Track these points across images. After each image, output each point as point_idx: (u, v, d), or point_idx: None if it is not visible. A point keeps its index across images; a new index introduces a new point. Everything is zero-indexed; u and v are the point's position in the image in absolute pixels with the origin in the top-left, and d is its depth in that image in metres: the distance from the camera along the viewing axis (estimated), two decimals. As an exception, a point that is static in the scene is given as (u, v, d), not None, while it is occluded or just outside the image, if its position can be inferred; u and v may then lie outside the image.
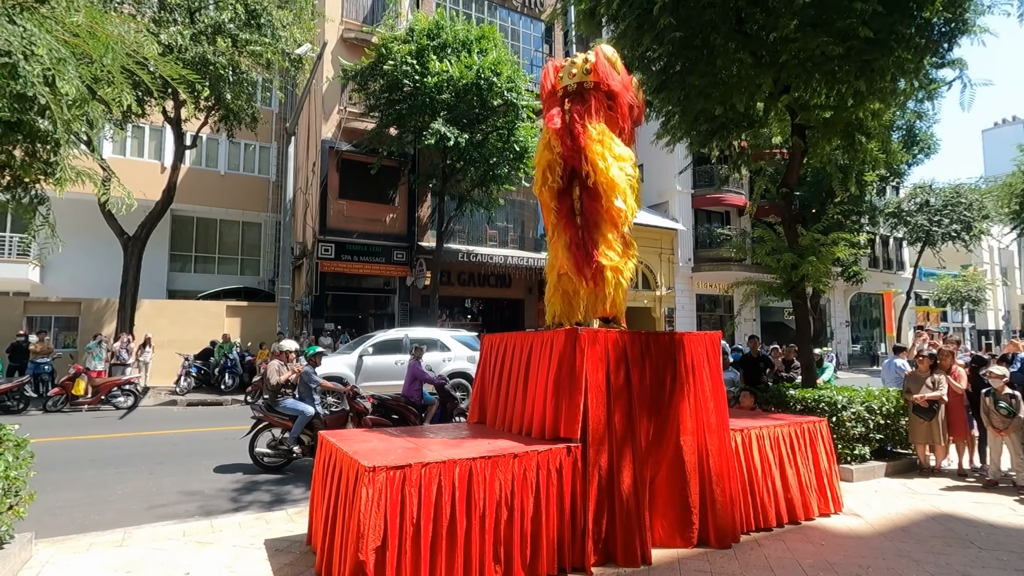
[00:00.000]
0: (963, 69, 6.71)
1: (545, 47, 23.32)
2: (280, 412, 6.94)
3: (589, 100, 4.63)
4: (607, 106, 4.65)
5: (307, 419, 6.88)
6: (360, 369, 11.87)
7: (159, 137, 20.76)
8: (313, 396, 7.15)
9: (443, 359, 12.51)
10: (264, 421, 6.97)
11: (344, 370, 11.65)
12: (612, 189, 4.43)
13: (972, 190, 25.96)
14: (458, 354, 12.82)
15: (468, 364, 12.79)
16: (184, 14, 13.61)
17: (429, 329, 13.82)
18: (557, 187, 4.70)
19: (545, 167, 4.70)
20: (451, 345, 12.83)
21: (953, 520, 5.04)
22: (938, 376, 6.69)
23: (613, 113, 4.67)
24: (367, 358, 12.04)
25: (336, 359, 12.03)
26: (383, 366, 12.06)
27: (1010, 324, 41.41)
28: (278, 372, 7.04)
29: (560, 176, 4.66)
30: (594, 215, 4.56)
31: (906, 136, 22.07)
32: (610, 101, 4.67)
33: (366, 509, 3.16)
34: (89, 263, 18.92)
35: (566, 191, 4.72)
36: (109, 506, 5.55)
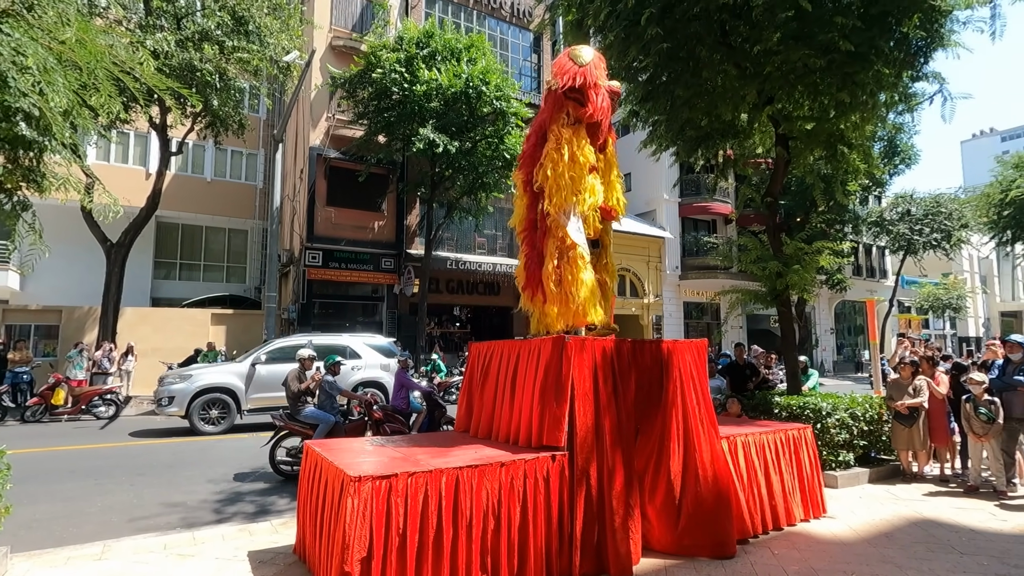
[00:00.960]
0: (942, 83, 6.88)
1: (534, 57, 23.50)
2: (301, 421, 6.97)
3: (549, 101, 4.65)
4: (575, 100, 4.57)
5: (329, 427, 6.89)
6: (252, 379, 10.88)
7: (144, 143, 20.56)
8: (334, 404, 7.17)
9: (352, 367, 11.59)
10: (284, 429, 6.98)
11: (231, 380, 10.74)
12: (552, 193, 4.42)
13: (952, 200, 26.52)
14: (370, 361, 11.99)
15: (382, 373, 11.99)
16: (171, 20, 13.55)
17: (337, 335, 12.95)
18: (526, 203, 4.78)
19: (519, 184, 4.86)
20: (362, 352, 12.04)
21: (935, 525, 5.11)
22: (919, 383, 6.80)
23: (583, 107, 4.57)
24: (261, 367, 11.00)
25: (222, 368, 11.27)
26: (279, 375, 10.65)
27: (990, 331, 42.16)
28: (298, 380, 7.04)
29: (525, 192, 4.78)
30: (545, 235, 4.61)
31: (887, 147, 22.51)
32: (576, 94, 4.57)
33: (351, 519, 3.13)
34: (71, 270, 18.62)
35: (532, 206, 4.78)
36: (88, 519, 5.44)
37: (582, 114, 4.57)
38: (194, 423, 10.23)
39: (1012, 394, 6.13)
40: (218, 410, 10.50)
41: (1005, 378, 6.24)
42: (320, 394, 7.12)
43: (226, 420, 10.46)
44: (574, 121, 4.58)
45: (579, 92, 4.52)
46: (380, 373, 12.01)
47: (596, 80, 4.58)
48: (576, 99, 4.55)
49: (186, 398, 10.30)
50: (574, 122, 4.58)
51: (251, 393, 10.83)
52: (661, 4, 6.07)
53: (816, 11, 6.00)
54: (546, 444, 3.97)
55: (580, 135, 4.57)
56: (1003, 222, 18.56)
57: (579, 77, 4.48)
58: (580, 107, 4.56)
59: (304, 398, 7.04)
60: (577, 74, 4.49)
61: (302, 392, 7.01)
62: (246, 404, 10.77)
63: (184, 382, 10.53)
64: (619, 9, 6.35)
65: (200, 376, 10.68)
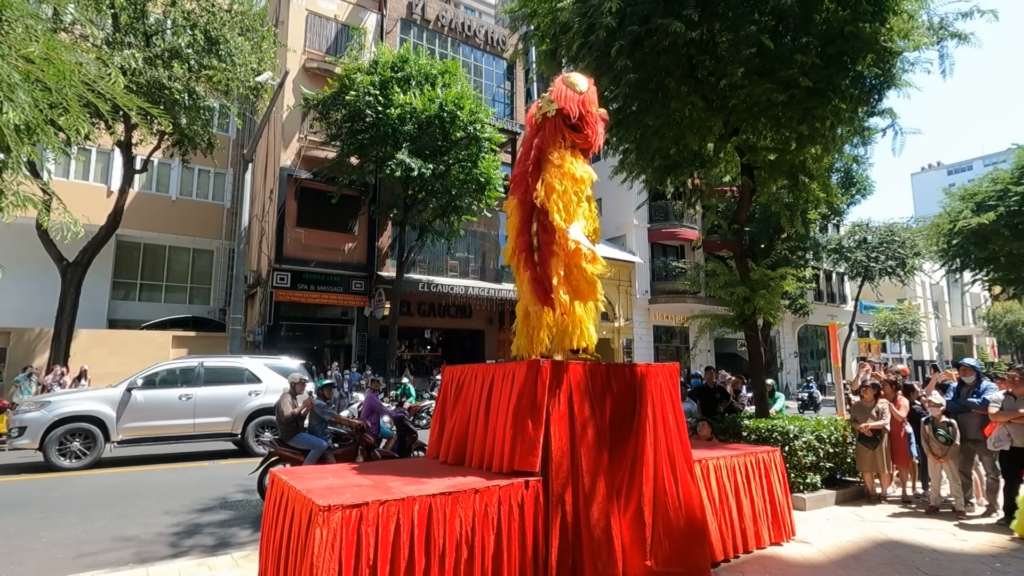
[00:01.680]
0: (894, 118, 7.27)
1: (507, 84, 23.95)
2: (292, 446, 6.79)
3: (546, 126, 4.75)
4: (571, 126, 4.73)
5: (320, 452, 6.72)
6: (126, 406, 9.67)
7: (106, 160, 20.01)
8: (325, 429, 7.01)
9: (249, 392, 10.59)
10: (275, 455, 6.80)
11: (98, 407, 9.48)
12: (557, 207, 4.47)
13: (904, 229, 27.82)
14: (271, 386, 10.72)
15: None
16: (140, 37, 13.34)
17: (233, 357, 11.71)
18: (518, 226, 4.81)
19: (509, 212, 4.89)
20: (262, 375, 10.89)
21: (900, 546, 5.21)
22: (881, 405, 7.01)
23: (580, 133, 4.74)
24: (138, 392, 9.81)
25: (89, 393, 10.08)
26: (161, 402, 9.93)
27: (943, 355, 43.96)
28: (292, 405, 6.87)
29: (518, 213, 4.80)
30: (547, 251, 4.63)
31: (844, 178, 23.55)
32: (576, 121, 4.74)
33: (320, 551, 3.01)
34: (21, 290, 17.79)
35: (525, 229, 4.81)
36: (31, 555, 5.10)
37: (577, 140, 4.70)
38: (49, 457, 8.96)
39: (967, 416, 6.37)
40: (81, 441, 9.24)
41: (960, 400, 6.48)
42: (311, 419, 6.98)
43: (91, 453, 9.24)
44: (570, 145, 4.69)
45: (577, 119, 4.67)
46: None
47: (591, 109, 4.75)
48: (573, 126, 4.67)
49: (40, 428, 9.01)
50: (570, 146, 4.69)
51: (124, 422, 9.58)
52: (631, 37, 6.28)
53: (777, 49, 6.31)
54: (523, 470, 3.92)
55: (578, 157, 4.70)
56: (952, 251, 19.49)
57: (578, 106, 4.65)
58: (575, 133, 4.68)
59: (296, 423, 6.89)
60: (578, 102, 4.66)
61: (294, 417, 6.85)
62: (117, 435, 9.53)
63: (40, 410, 9.24)
64: (591, 41, 6.54)
65: (60, 403, 9.44)
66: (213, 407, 10.25)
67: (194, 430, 10.11)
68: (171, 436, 9.94)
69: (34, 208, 5.23)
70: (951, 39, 6.75)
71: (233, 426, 10.40)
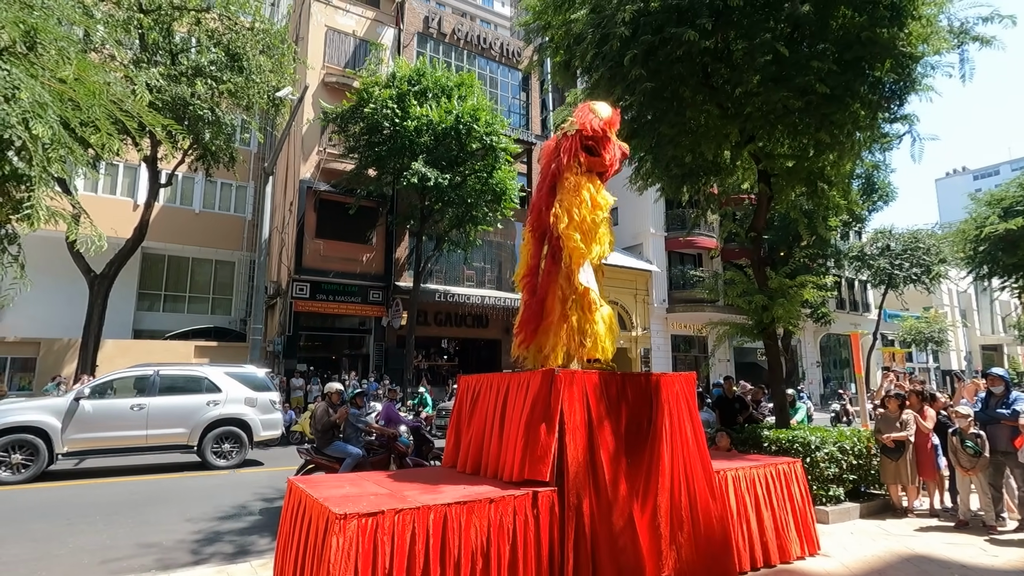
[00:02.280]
0: (913, 124, 7.17)
1: (522, 95, 24.12)
2: (328, 454, 6.94)
3: (563, 146, 4.79)
4: (587, 148, 4.77)
5: (355, 461, 6.85)
6: (73, 416, 9.09)
7: (133, 175, 20.57)
8: (360, 438, 7.15)
9: (208, 402, 10.13)
10: (311, 463, 6.97)
11: (41, 417, 8.90)
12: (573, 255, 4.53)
13: (929, 235, 27.21)
14: (232, 395, 10.39)
15: (246, 409, 10.44)
16: (165, 55, 13.76)
17: (192, 366, 11.25)
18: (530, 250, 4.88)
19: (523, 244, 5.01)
20: (222, 384, 10.43)
21: (927, 561, 5.06)
22: (906, 417, 6.84)
23: (597, 157, 4.78)
24: (86, 402, 9.25)
25: (32, 403, 9.43)
26: (111, 412, 9.37)
27: (972, 364, 42.70)
28: (327, 414, 7.01)
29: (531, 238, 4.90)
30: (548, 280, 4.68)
31: (865, 184, 23.17)
32: (592, 143, 4.77)
33: (336, 559, 3.03)
34: (51, 302, 18.30)
35: (536, 252, 4.89)
36: (58, 561, 5.21)
37: (594, 164, 4.75)
38: None
39: (996, 427, 6.18)
40: (23, 454, 8.69)
41: (988, 411, 6.30)
42: (347, 428, 7.11)
43: (32, 466, 8.68)
44: (586, 170, 4.74)
45: (595, 142, 4.72)
46: (244, 409, 10.41)
47: (610, 134, 4.82)
48: (591, 148, 4.73)
49: None
50: (586, 171, 4.73)
51: (71, 434, 9.04)
52: (645, 46, 6.30)
53: (793, 56, 6.27)
54: (539, 479, 3.91)
55: (594, 181, 4.75)
56: (979, 257, 19.04)
57: (599, 127, 4.72)
58: (592, 157, 4.74)
59: (332, 431, 7.03)
60: (598, 124, 4.73)
61: (330, 426, 6.99)
62: (62, 446, 9.02)
63: None
64: (604, 51, 6.58)
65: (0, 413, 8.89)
66: (167, 418, 9.77)
67: (146, 442, 9.59)
68: (121, 448, 9.48)
69: (63, 222, 5.41)
70: (972, 43, 6.65)
71: (189, 437, 9.90)
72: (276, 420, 10.97)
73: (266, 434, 10.70)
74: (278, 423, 11.05)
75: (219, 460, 10.04)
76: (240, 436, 10.28)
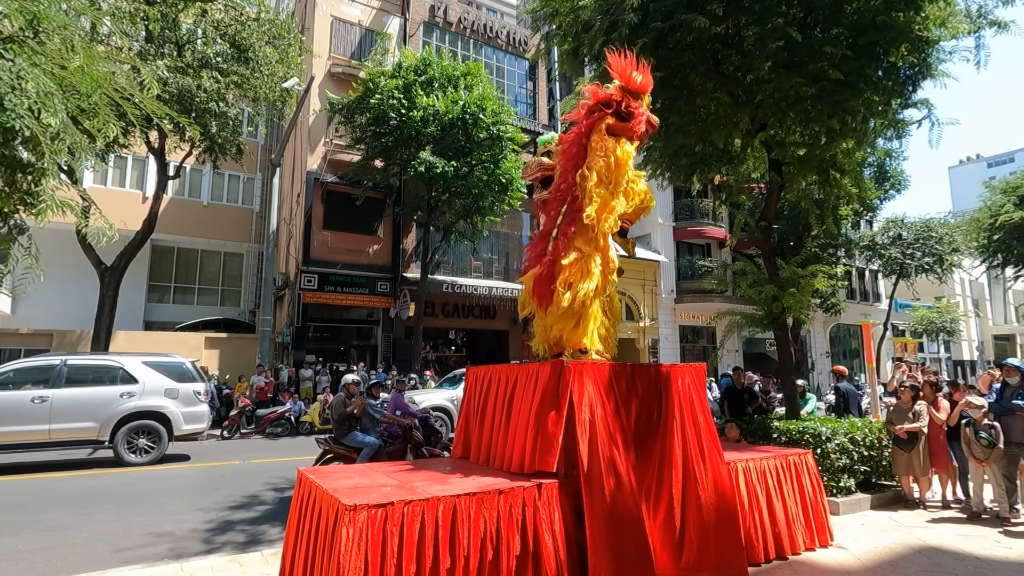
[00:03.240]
0: (931, 109, 7.03)
1: (529, 84, 23.93)
2: (346, 444, 7.00)
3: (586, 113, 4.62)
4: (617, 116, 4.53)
5: (373, 450, 6.91)
6: None
7: (142, 167, 20.66)
8: (377, 428, 7.20)
9: (122, 394, 9.42)
10: (329, 453, 7.04)
11: None
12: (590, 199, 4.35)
13: (942, 224, 26.82)
14: (151, 386, 9.66)
15: (165, 401, 9.70)
16: (171, 47, 13.73)
17: (107, 355, 10.29)
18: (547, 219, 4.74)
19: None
20: (139, 374, 9.69)
21: (939, 553, 5.02)
22: (919, 407, 6.77)
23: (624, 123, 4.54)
24: None
25: None
26: (7, 405, 8.72)
27: (984, 355, 42.28)
28: (343, 405, 7.07)
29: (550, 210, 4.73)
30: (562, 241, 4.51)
31: (877, 172, 22.86)
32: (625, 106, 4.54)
33: (346, 550, 3.04)
34: (63, 293, 18.49)
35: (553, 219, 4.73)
36: (73, 550, 5.28)
37: (621, 127, 4.51)
38: None
39: (1011, 418, 6.10)
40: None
41: (1003, 402, 6.21)
42: (364, 418, 7.15)
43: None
44: (612, 132, 4.52)
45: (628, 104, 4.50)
46: (163, 401, 9.67)
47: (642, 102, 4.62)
48: (620, 114, 4.51)
49: None
50: (611, 134, 4.52)
51: None
52: (655, 34, 6.20)
53: (806, 41, 6.15)
54: (548, 471, 3.90)
55: (620, 141, 4.51)
56: (993, 246, 18.77)
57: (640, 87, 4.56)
58: (622, 121, 4.50)
59: (348, 421, 7.07)
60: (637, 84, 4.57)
61: (347, 416, 7.04)
62: None
63: None
64: (613, 38, 6.46)
65: None
66: (74, 411, 9.09)
67: (49, 437, 8.93)
68: (18, 444, 8.82)
69: (72, 214, 5.42)
70: (989, 27, 6.49)
71: (100, 432, 9.23)
72: (200, 413, 10.13)
73: (189, 428, 9.91)
74: (203, 416, 10.19)
75: (134, 456, 9.38)
76: (158, 430, 9.54)
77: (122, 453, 9.34)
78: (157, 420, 9.59)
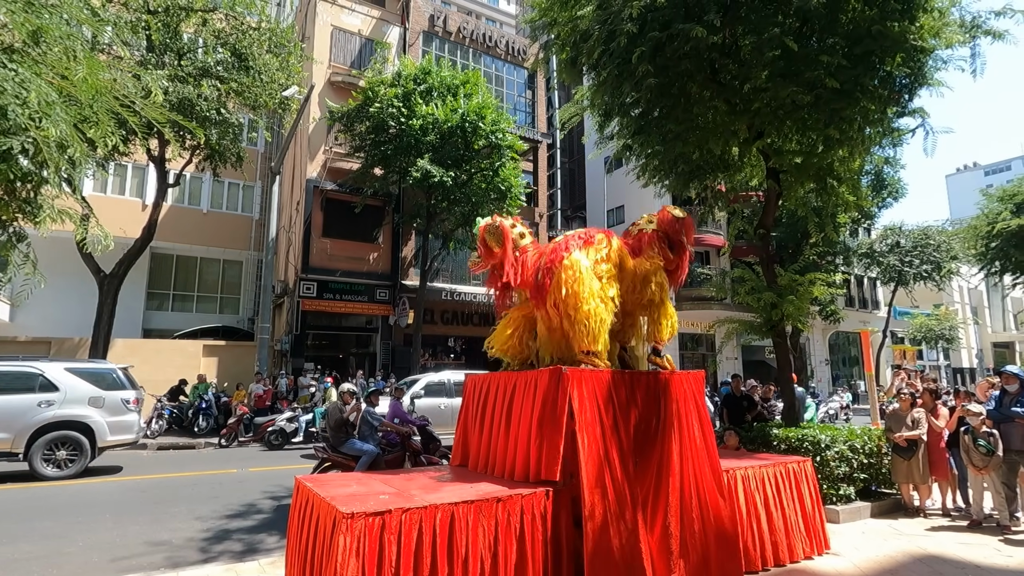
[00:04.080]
0: (925, 118, 7.07)
1: (528, 93, 24.06)
2: (343, 452, 6.99)
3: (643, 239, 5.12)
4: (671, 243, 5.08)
5: (371, 458, 6.89)
6: None
7: (142, 175, 20.70)
8: (375, 436, 7.18)
9: (40, 403, 8.76)
10: (328, 461, 7.02)
11: None
12: None
13: (940, 232, 26.90)
14: (73, 394, 9.00)
15: (89, 410, 9.06)
16: (172, 56, 13.81)
17: (25, 360, 9.45)
18: None
19: None
20: (60, 381, 9.01)
21: (940, 562, 5.00)
22: (917, 415, 6.76)
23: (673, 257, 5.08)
24: None
25: None
26: None
27: (983, 362, 42.25)
28: (339, 411, 7.07)
29: None
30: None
31: (875, 180, 22.92)
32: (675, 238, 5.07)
33: (343, 558, 3.03)
34: (62, 301, 18.46)
35: None
36: (69, 559, 5.25)
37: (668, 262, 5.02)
38: None
39: (1010, 426, 6.10)
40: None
41: (1002, 410, 6.21)
42: (362, 426, 7.14)
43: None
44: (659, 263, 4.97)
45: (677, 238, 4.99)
46: (86, 410, 9.02)
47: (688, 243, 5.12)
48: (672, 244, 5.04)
49: None
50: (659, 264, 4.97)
51: None
52: (652, 43, 6.25)
53: (802, 50, 6.20)
54: (547, 479, 3.89)
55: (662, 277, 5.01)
56: (991, 254, 18.81)
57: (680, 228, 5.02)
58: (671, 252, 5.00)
59: (345, 429, 7.06)
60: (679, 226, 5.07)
61: (343, 423, 7.03)
62: None
63: None
64: (611, 48, 6.52)
65: None
66: None
67: None
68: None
69: (71, 222, 5.43)
70: (984, 36, 6.54)
71: (13, 444, 8.62)
72: (129, 423, 9.49)
73: (115, 438, 9.30)
74: (132, 426, 9.57)
75: (51, 469, 8.73)
76: (79, 441, 8.87)
77: (38, 466, 8.70)
78: (79, 430, 8.95)
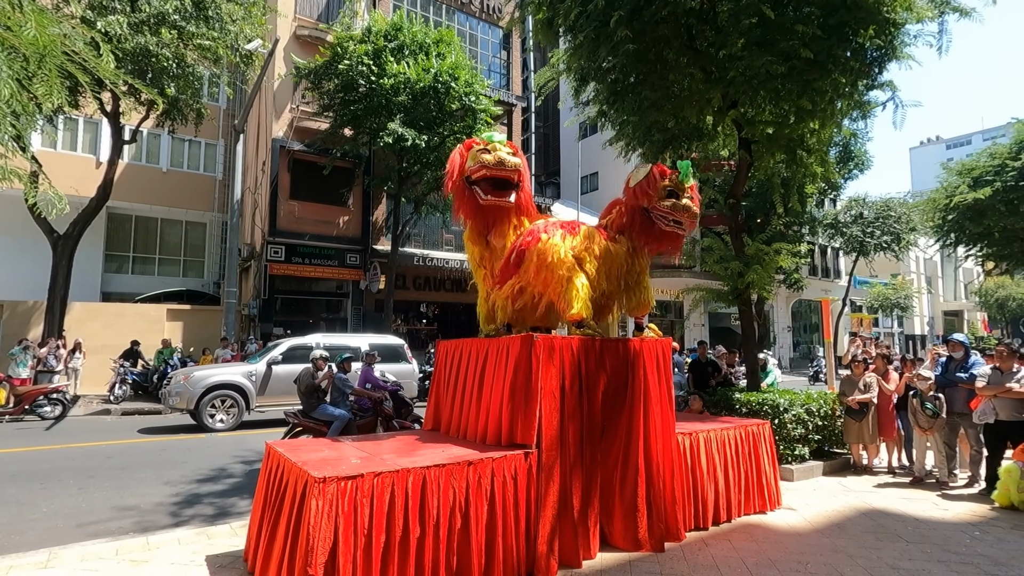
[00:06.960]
0: (895, 91, 7.18)
1: (503, 53, 23.45)
2: (315, 418, 6.94)
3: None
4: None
5: (343, 424, 6.87)
6: None
7: (95, 130, 19.63)
8: (346, 401, 7.14)
9: None
10: (299, 427, 6.97)
11: None
12: None
13: (901, 204, 27.76)
14: None
15: None
16: (125, 2, 12.93)
17: None
18: None
19: None
20: None
21: (883, 516, 5.36)
22: (869, 379, 7.11)
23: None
24: None
25: None
26: None
27: (934, 330, 44.41)
28: (311, 377, 7.00)
29: None
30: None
31: (842, 152, 23.38)
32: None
33: (316, 521, 3.07)
34: (13, 262, 17.65)
35: None
36: (33, 525, 5.17)
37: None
38: None
39: (954, 390, 6.48)
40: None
41: (948, 375, 6.58)
42: (333, 391, 7.11)
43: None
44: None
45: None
46: None
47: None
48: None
49: None
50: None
51: None
52: (630, 6, 6.14)
53: (778, 19, 6.17)
54: (518, 442, 3.98)
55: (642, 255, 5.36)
56: (947, 226, 19.49)
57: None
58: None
59: (316, 395, 7.02)
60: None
61: (314, 388, 6.98)
62: None
63: None
64: (589, 10, 6.39)
65: None
66: None
67: None
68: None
69: (19, 181, 5.13)
70: (952, 13, 6.63)
71: None
72: None
73: None
74: None
75: None
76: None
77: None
78: None
